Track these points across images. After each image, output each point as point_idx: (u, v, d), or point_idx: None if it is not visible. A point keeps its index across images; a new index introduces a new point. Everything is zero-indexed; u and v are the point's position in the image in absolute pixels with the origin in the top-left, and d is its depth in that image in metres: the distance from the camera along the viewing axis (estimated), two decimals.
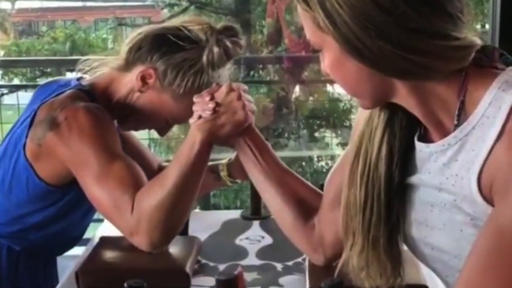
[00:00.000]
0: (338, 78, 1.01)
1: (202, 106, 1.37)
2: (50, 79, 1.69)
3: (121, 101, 1.56)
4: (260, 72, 6.03)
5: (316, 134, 6.57)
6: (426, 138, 1.06)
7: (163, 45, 1.52)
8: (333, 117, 6.39)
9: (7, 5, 8.87)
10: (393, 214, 1.09)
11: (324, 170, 6.19)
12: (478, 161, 0.94)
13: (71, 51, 7.00)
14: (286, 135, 5.76)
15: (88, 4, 14.34)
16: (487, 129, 0.93)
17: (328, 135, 6.64)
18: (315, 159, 6.32)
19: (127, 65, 1.55)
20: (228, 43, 1.53)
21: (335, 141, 6.60)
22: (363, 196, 1.08)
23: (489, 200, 0.94)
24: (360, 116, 1.16)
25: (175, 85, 1.51)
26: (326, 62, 1.00)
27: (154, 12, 13.38)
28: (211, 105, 1.36)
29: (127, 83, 1.55)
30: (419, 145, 1.05)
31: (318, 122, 6.44)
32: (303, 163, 6.15)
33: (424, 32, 0.92)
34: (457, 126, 0.97)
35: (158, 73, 1.51)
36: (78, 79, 1.59)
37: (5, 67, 5.56)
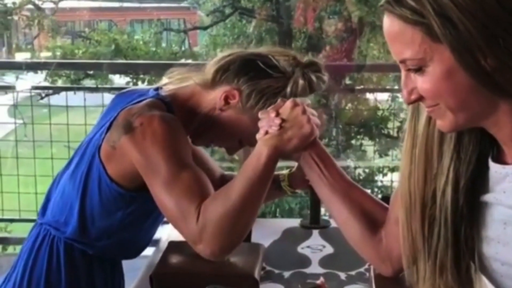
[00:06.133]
0: (446, 93, 0.97)
1: (268, 122, 1.39)
2: (128, 88, 1.73)
3: (200, 116, 1.61)
4: None
5: (353, 142, 6.61)
6: (499, 159, 1.08)
7: (251, 70, 1.57)
8: (371, 124, 6.42)
9: (49, 5, 9.02)
10: (461, 237, 1.11)
11: (361, 178, 6.22)
12: None
13: (115, 54, 7.20)
14: (325, 141, 5.79)
15: (125, 4, 14.53)
16: None
17: (366, 143, 6.67)
18: (352, 166, 6.34)
19: (213, 84, 1.60)
20: (313, 77, 1.58)
21: (372, 148, 6.63)
22: (427, 225, 1.11)
23: None
24: (414, 136, 1.14)
25: (256, 109, 1.54)
26: (432, 77, 0.97)
27: (189, 14, 13.51)
28: (277, 121, 1.38)
29: (210, 101, 1.60)
30: (494, 166, 1.06)
31: (356, 129, 6.46)
32: None
33: None
34: None
35: (242, 95, 1.56)
36: (156, 89, 1.64)
37: (54, 69, 5.63)
